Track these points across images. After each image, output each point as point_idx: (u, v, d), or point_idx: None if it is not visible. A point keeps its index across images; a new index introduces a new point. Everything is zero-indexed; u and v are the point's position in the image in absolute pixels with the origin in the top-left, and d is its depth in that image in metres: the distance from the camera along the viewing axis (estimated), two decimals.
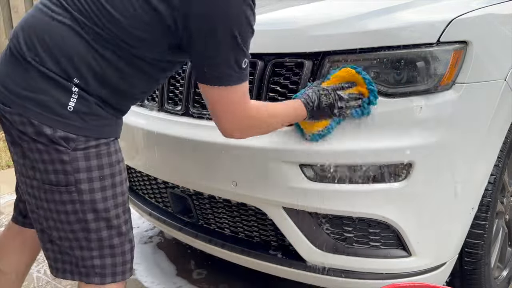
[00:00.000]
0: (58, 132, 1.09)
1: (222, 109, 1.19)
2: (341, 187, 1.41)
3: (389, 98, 1.39)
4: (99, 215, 1.16)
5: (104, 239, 1.18)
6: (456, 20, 1.43)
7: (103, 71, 1.12)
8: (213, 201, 1.74)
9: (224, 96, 1.16)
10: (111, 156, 1.16)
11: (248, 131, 1.28)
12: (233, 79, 1.13)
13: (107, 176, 1.16)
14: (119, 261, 1.21)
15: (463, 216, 1.50)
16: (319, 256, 1.50)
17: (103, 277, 1.20)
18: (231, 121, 1.22)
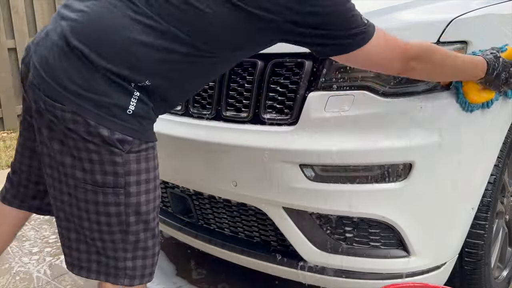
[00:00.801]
0: (116, 134, 1.08)
1: (384, 60, 1.21)
2: (341, 187, 1.41)
3: (389, 98, 1.39)
4: (140, 218, 1.16)
5: (141, 241, 1.18)
6: (456, 20, 1.43)
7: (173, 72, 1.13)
8: (213, 201, 1.74)
9: (376, 49, 1.19)
10: (155, 160, 1.19)
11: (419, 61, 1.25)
12: (368, 34, 1.16)
13: (152, 179, 1.17)
14: (149, 263, 1.21)
15: (463, 216, 1.50)
16: (319, 256, 1.50)
17: (132, 279, 1.19)
18: (395, 60, 1.23)
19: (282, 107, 1.52)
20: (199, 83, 1.27)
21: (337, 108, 1.42)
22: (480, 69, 1.33)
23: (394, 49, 1.22)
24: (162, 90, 1.14)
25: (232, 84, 1.64)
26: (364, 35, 1.16)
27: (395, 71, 1.29)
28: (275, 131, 1.49)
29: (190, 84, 1.21)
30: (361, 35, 1.15)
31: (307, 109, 1.45)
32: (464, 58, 1.33)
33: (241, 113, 1.59)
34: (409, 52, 1.23)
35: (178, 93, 1.21)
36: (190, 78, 1.18)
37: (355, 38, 1.15)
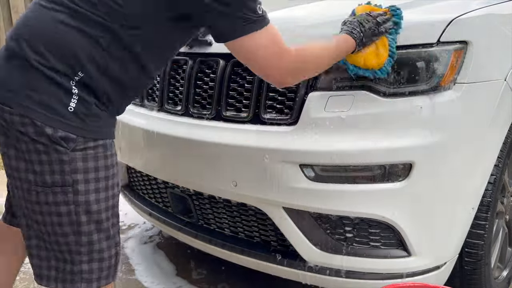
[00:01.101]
0: (59, 132, 1.09)
1: (261, 58, 1.19)
2: (341, 187, 1.41)
3: (389, 98, 1.39)
4: (91, 217, 1.16)
5: (94, 243, 1.18)
6: (456, 20, 1.43)
7: (106, 63, 1.13)
8: (213, 201, 1.74)
9: (255, 44, 1.17)
10: (107, 159, 1.18)
11: (296, 73, 1.27)
12: (254, 25, 1.15)
13: (102, 179, 1.17)
14: (106, 266, 1.21)
15: (463, 216, 1.50)
16: (319, 256, 1.50)
17: (89, 283, 1.19)
18: (273, 66, 1.21)
19: (282, 107, 1.52)
20: (137, 77, 1.22)
21: (337, 108, 1.42)
22: (348, 41, 1.34)
23: (279, 57, 1.20)
24: (99, 84, 1.14)
25: (232, 84, 1.64)
26: (256, 23, 1.15)
27: (270, 78, 1.28)
28: (275, 131, 1.49)
29: (125, 76, 1.18)
30: (253, 21, 1.14)
31: (307, 109, 1.45)
32: (328, 42, 1.33)
33: (241, 113, 1.59)
34: (289, 67, 1.23)
35: (117, 87, 1.18)
36: (122, 69, 1.16)
37: (247, 21, 1.14)
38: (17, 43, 1.13)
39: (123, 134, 1.97)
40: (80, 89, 1.11)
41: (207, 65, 1.73)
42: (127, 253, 2.40)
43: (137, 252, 2.40)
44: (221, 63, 1.66)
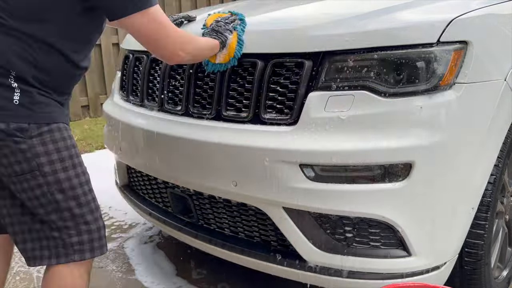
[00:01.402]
0: (11, 125, 1.18)
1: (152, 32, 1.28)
2: (341, 187, 1.41)
3: (389, 98, 1.39)
4: (67, 194, 1.25)
5: (78, 216, 1.26)
6: (456, 20, 1.43)
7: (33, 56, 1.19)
8: (213, 201, 1.74)
9: (147, 20, 1.25)
10: (66, 141, 1.26)
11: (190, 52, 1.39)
12: (143, 3, 1.23)
13: (66, 157, 1.25)
14: (96, 237, 1.29)
15: (463, 216, 1.50)
16: (319, 256, 1.50)
17: (81, 253, 1.27)
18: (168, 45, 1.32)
19: (282, 107, 1.52)
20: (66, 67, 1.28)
21: (337, 108, 1.42)
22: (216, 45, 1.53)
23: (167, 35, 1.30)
24: (34, 75, 1.21)
25: (232, 84, 1.64)
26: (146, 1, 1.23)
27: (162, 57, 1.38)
28: (275, 131, 1.49)
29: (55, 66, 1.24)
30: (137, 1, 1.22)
31: (307, 109, 1.45)
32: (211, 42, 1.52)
33: (241, 113, 1.59)
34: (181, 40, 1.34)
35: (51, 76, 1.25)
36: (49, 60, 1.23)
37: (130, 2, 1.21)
38: None
39: (123, 134, 1.97)
40: (19, 82, 1.19)
41: None
42: (127, 253, 2.40)
43: (137, 252, 2.40)
44: None
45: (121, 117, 1.99)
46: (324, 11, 1.74)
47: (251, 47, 1.60)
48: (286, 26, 1.61)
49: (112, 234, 2.61)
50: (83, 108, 5.60)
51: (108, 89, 5.72)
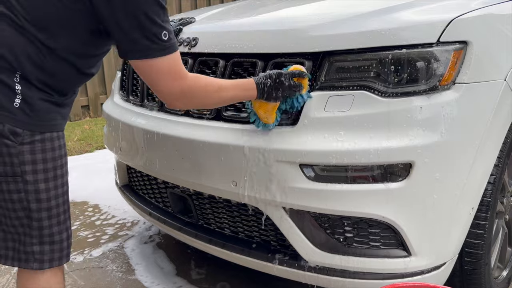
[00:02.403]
0: (6, 126, 1.18)
1: (156, 80, 1.24)
2: (341, 187, 1.41)
3: (389, 98, 1.39)
4: (41, 205, 1.26)
5: (45, 228, 1.28)
6: (456, 20, 1.43)
7: (41, 60, 1.19)
8: (213, 201, 1.74)
9: (154, 68, 1.22)
10: (55, 151, 1.27)
11: (187, 101, 1.33)
12: (155, 51, 1.19)
13: (51, 169, 1.26)
14: (57, 248, 1.31)
15: (463, 216, 1.50)
16: (319, 256, 1.50)
17: (41, 263, 1.30)
18: (167, 91, 1.27)
19: None
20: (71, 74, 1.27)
21: (337, 108, 1.42)
22: (250, 90, 1.42)
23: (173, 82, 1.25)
24: (40, 79, 1.21)
25: None
26: (157, 50, 1.19)
27: (162, 98, 1.32)
28: (275, 131, 1.49)
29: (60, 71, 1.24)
30: (154, 48, 1.18)
31: (307, 109, 1.45)
32: (232, 85, 1.40)
33: (241, 113, 1.59)
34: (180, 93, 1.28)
35: (56, 81, 1.25)
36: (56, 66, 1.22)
37: (148, 47, 1.18)
38: None
39: (123, 134, 1.97)
40: (23, 85, 1.19)
41: (207, 65, 1.73)
42: (127, 253, 2.40)
43: (137, 252, 2.40)
44: (221, 63, 1.66)
45: (121, 117, 2.00)
46: (324, 11, 1.75)
47: (251, 47, 1.60)
48: (286, 26, 1.61)
49: (112, 234, 2.61)
50: (83, 108, 5.61)
51: (108, 89, 5.72)
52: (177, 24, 1.93)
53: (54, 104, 1.26)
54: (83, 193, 3.21)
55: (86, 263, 2.31)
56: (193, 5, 6.51)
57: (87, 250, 2.44)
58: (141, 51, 1.19)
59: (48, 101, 1.24)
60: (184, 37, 1.85)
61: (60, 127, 1.29)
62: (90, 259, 2.35)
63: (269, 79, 1.42)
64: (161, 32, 1.18)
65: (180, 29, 1.91)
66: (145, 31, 1.16)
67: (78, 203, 3.07)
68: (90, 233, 2.64)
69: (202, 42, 1.76)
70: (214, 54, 1.70)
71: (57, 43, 1.19)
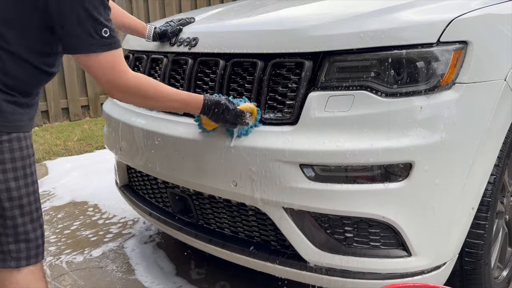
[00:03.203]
0: None
1: (97, 74, 1.28)
2: (341, 187, 1.41)
3: (390, 98, 1.39)
4: (13, 203, 1.28)
5: (19, 226, 1.30)
6: (456, 20, 1.43)
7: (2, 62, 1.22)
8: (213, 201, 1.74)
9: (94, 62, 1.25)
10: (22, 151, 1.29)
11: (128, 95, 1.36)
12: (96, 46, 1.23)
13: (20, 168, 1.29)
14: (33, 245, 1.33)
15: (463, 216, 1.50)
16: (319, 256, 1.50)
17: (18, 261, 1.32)
18: (107, 84, 1.31)
19: (282, 107, 1.52)
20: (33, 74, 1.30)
21: (337, 108, 1.42)
22: (194, 108, 1.50)
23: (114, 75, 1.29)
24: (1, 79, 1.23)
25: (232, 84, 1.64)
26: (98, 46, 1.23)
27: (104, 90, 1.35)
28: (275, 131, 1.49)
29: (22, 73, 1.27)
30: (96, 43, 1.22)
31: (307, 109, 1.45)
32: (176, 97, 1.47)
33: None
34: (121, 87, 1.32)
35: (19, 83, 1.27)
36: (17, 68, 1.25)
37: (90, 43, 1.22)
38: None
39: (123, 134, 1.97)
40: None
41: (207, 65, 1.73)
42: (127, 253, 2.40)
43: (137, 252, 2.40)
44: (221, 63, 1.66)
45: (121, 117, 1.99)
46: (324, 11, 1.75)
47: (251, 47, 1.60)
48: (286, 26, 1.61)
49: (112, 234, 2.61)
50: (83, 108, 5.61)
51: None
52: (176, 24, 1.93)
53: (18, 105, 1.29)
54: (83, 193, 3.21)
55: (86, 263, 2.31)
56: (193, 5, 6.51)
57: (87, 250, 2.44)
58: (83, 47, 1.23)
59: (13, 102, 1.27)
60: (184, 37, 1.85)
61: (26, 128, 1.32)
62: (90, 259, 2.35)
63: (216, 107, 1.49)
64: (102, 29, 1.23)
65: (180, 29, 1.91)
66: (86, 27, 1.20)
67: (78, 203, 3.07)
68: (90, 233, 2.64)
69: (202, 42, 1.76)
70: (214, 54, 1.70)
71: (12, 44, 1.22)
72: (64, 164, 3.81)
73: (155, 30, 1.92)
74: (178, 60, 1.83)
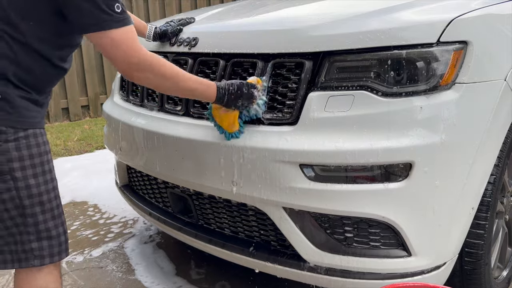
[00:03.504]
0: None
1: (112, 53, 1.26)
2: (341, 187, 1.41)
3: (389, 98, 1.39)
4: (34, 200, 1.27)
5: (40, 223, 1.29)
6: (456, 20, 1.43)
7: (15, 56, 1.21)
8: (213, 201, 1.74)
9: (110, 40, 1.23)
10: (40, 147, 1.28)
11: (144, 74, 1.32)
12: (111, 22, 1.22)
13: (38, 164, 1.27)
14: (56, 243, 1.32)
15: (463, 216, 1.50)
16: (319, 256, 1.50)
17: (42, 259, 1.30)
18: (125, 63, 1.28)
19: (282, 107, 1.52)
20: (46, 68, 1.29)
21: (337, 108, 1.42)
22: (210, 88, 1.45)
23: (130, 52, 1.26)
24: (16, 76, 1.23)
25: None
26: (113, 21, 1.21)
27: (121, 71, 1.33)
28: (275, 131, 1.49)
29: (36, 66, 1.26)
30: (110, 19, 1.21)
31: (307, 109, 1.45)
32: (192, 78, 1.43)
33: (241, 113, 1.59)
34: (138, 64, 1.28)
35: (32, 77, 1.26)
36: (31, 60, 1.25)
37: (104, 19, 1.20)
38: None
39: (123, 134, 1.97)
40: (1, 83, 1.20)
41: (207, 65, 1.73)
42: (127, 253, 2.40)
43: (137, 252, 2.40)
44: (221, 63, 1.66)
45: (121, 117, 2.00)
46: (324, 11, 1.75)
47: (251, 47, 1.60)
48: (286, 26, 1.61)
49: (112, 234, 2.61)
50: (83, 108, 5.61)
51: (108, 89, 5.72)
52: (177, 24, 1.93)
53: (32, 102, 1.28)
54: (83, 193, 3.21)
55: (86, 263, 2.31)
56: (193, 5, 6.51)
57: (87, 250, 2.44)
58: (97, 24, 1.21)
59: (27, 99, 1.26)
60: (184, 37, 1.85)
61: (41, 124, 1.31)
62: (90, 259, 2.35)
63: (231, 86, 1.47)
64: (114, 4, 1.21)
65: (180, 29, 1.92)
66: (98, 3, 1.19)
67: (78, 203, 3.07)
68: (90, 233, 2.64)
69: (202, 42, 1.76)
70: (214, 54, 1.70)
71: (25, 35, 1.22)
72: (64, 164, 3.81)
73: (155, 30, 1.92)
74: (178, 60, 1.83)
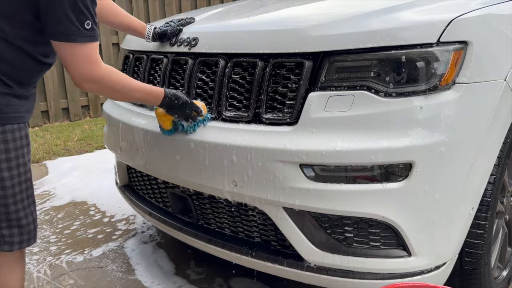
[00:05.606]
0: None
1: (71, 63, 1.32)
2: (341, 187, 1.41)
3: (389, 98, 1.39)
4: (7, 192, 1.34)
5: (11, 213, 1.37)
6: (456, 20, 1.44)
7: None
8: (213, 201, 1.74)
9: (72, 51, 1.30)
10: (16, 142, 1.34)
11: (96, 88, 1.40)
12: (77, 37, 1.28)
13: (13, 158, 1.34)
14: (25, 231, 1.41)
15: (463, 216, 1.50)
16: (319, 256, 1.50)
17: (11, 245, 1.40)
18: (78, 74, 1.34)
19: (282, 107, 1.52)
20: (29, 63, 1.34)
21: (337, 108, 1.42)
22: (156, 99, 1.57)
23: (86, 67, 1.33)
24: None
25: (232, 84, 1.64)
26: (77, 36, 1.28)
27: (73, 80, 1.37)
28: (275, 131, 1.49)
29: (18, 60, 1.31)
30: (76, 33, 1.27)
31: (307, 109, 1.45)
32: (141, 89, 1.53)
33: (242, 113, 1.59)
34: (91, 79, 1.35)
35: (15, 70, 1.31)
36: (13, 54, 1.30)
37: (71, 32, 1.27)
38: None
39: (123, 134, 1.97)
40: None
41: (207, 65, 1.73)
42: (127, 253, 2.40)
43: (137, 252, 2.40)
44: (221, 63, 1.66)
45: (121, 117, 2.00)
46: (324, 11, 1.75)
47: (252, 47, 1.60)
48: (286, 26, 1.61)
49: (111, 234, 2.61)
50: (83, 108, 5.61)
51: None
52: (177, 25, 1.93)
53: (14, 96, 1.32)
54: (83, 193, 3.21)
55: (86, 263, 2.31)
56: (193, 5, 6.51)
57: (87, 250, 2.44)
58: (65, 35, 1.27)
59: (9, 94, 1.30)
60: (184, 37, 1.85)
61: (23, 119, 1.36)
62: (90, 259, 2.35)
63: (176, 100, 1.58)
64: (85, 20, 1.28)
65: (180, 29, 1.92)
66: (70, 15, 1.25)
67: (78, 203, 3.07)
68: (90, 233, 2.64)
69: (203, 42, 1.76)
70: (214, 54, 1.70)
71: (7, 34, 1.26)
72: (64, 164, 3.81)
73: (155, 31, 1.92)
74: (178, 60, 1.83)
